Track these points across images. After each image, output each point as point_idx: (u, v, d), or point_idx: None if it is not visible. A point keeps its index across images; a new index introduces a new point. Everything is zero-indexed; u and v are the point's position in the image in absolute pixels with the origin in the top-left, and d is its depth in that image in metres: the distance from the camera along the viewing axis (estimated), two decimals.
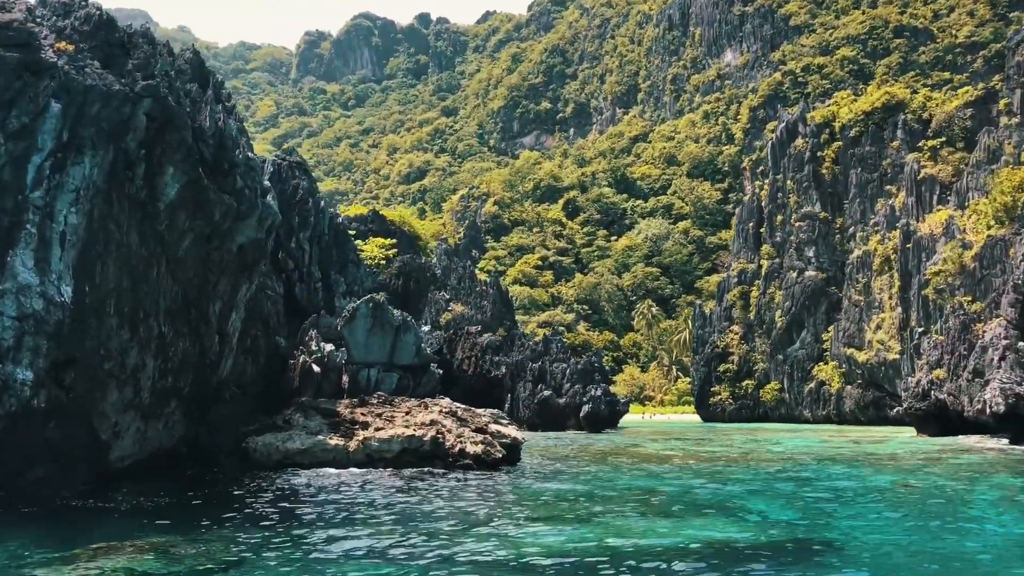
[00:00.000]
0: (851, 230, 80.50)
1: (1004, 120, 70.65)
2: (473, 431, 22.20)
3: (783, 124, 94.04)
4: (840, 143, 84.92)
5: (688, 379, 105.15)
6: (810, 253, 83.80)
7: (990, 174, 67.83)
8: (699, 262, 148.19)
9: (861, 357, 73.23)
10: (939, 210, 70.56)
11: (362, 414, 22.32)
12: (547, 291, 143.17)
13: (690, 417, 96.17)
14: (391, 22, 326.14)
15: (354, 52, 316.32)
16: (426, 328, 62.41)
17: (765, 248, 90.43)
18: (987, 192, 66.83)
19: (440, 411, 22.68)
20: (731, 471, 23.46)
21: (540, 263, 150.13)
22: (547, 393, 61.11)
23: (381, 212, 50.14)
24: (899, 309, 69.72)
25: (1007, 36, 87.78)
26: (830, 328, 79.89)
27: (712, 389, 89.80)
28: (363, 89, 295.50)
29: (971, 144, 74.02)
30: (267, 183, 25.00)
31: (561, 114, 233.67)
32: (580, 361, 63.99)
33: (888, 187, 78.28)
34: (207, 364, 22.32)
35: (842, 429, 64.20)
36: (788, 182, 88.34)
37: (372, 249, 43.55)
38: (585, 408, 58.14)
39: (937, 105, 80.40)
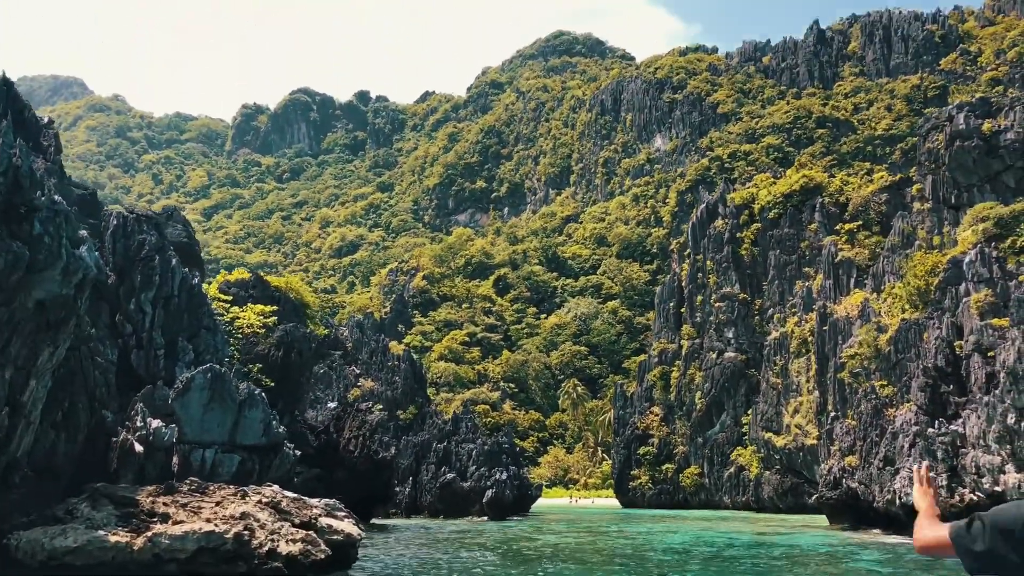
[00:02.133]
0: (769, 312, 79.58)
1: (917, 205, 70.95)
2: (295, 526, 18.95)
3: (703, 205, 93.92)
4: (759, 224, 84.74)
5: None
6: (729, 334, 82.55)
7: (904, 258, 67.63)
8: (627, 342, 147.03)
9: (779, 442, 71.33)
10: (855, 293, 69.99)
11: (164, 504, 18.95)
12: (473, 368, 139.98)
13: (612, 502, 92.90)
14: (330, 98, 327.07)
15: (291, 126, 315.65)
16: (332, 404, 58.92)
17: (686, 328, 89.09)
18: (902, 276, 66.55)
19: (259, 501, 19.41)
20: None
21: (468, 339, 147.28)
22: (450, 476, 57.56)
23: (266, 277, 46.84)
24: (816, 392, 68.30)
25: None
26: (750, 411, 78.13)
27: (632, 473, 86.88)
28: (299, 163, 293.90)
29: (887, 228, 74.19)
30: (83, 233, 21.93)
31: (496, 193, 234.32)
32: (487, 442, 60.63)
33: (806, 269, 77.84)
34: None
35: (758, 517, 61.69)
36: (708, 262, 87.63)
37: (250, 316, 40.19)
38: (488, 493, 54.62)
39: (853, 189, 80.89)
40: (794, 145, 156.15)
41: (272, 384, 40.61)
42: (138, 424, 24.29)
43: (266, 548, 17.48)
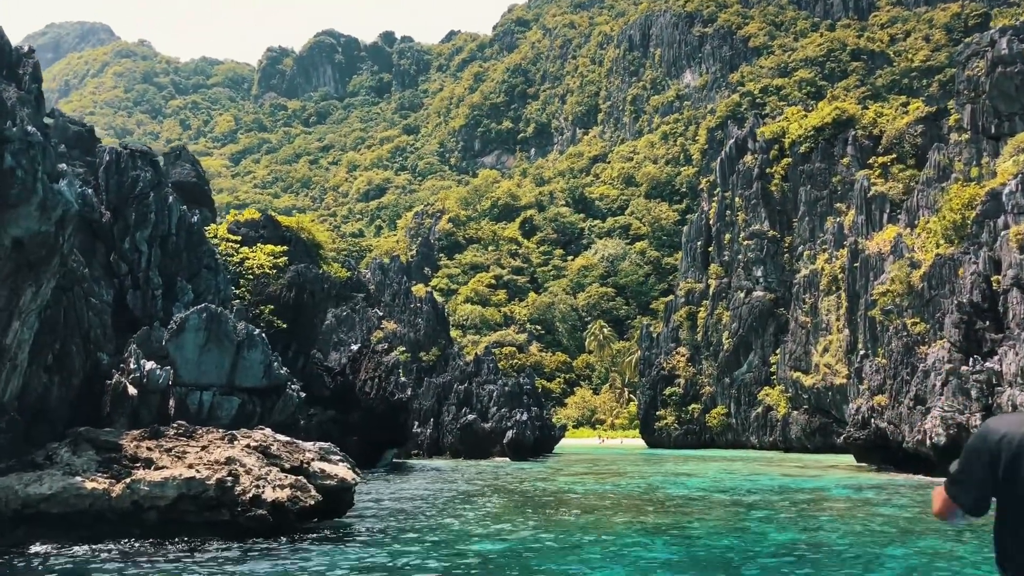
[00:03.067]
0: (799, 249, 77.41)
1: (954, 136, 68.08)
2: (285, 471, 18.07)
3: (732, 140, 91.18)
4: (789, 159, 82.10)
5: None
6: (758, 273, 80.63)
7: (940, 191, 65.13)
8: (655, 283, 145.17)
9: (807, 381, 69.88)
10: (888, 228, 67.68)
11: (148, 449, 18.12)
12: (500, 310, 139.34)
13: (640, 442, 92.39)
14: (355, 39, 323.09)
15: (316, 69, 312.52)
16: (355, 347, 58.11)
17: (713, 267, 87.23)
18: (937, 209, 64.11)
19: (247, 446, 18.53)
20: (601, 523, 19.58)
21: (494, 282, 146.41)
22: (471, 417, 57.00)
23: (276, 217, 45.80)
24: (846, 331, 66.55)
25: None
26: (778, 351, 76.58)
27: (657, 413, 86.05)
28: (325, 106, 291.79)
29: (922, 161, 71.48)
30: (63, 167, 20.85)
31: (522, 134, 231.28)
32: (508, 383, 59.89)
33: (838, 204, 75.40)
34: None
35: (785, 458, 60.67)
36: (737, 199, 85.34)
37: (260, 257, 39.26)
38: (509, 434, 54.00)
39: (888, 122, 77.87)
40: (827, 79, 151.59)
41: (284, 326, 39.89)
42: (131, 366, 23.49)
43: (250, 495, 16.59)
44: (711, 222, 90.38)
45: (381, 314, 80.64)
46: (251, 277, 39.69)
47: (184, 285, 27.56)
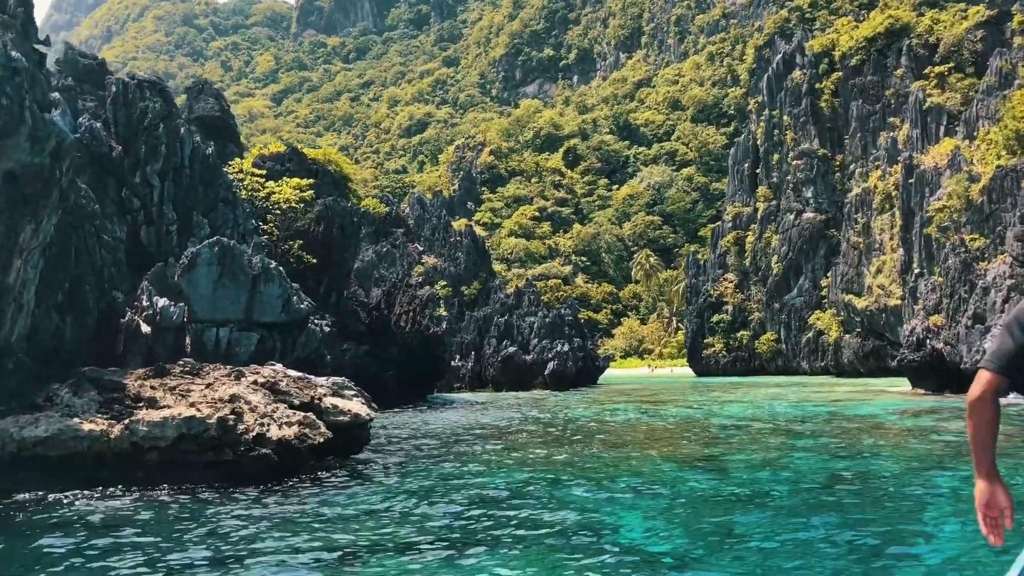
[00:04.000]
0: (851, 167, 74.23)
1: (1019, 40, 64.06)
2: (293, 408, 17.18)
3: (779, 56, 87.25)
4: (840, 73, 78.31)
5: None
6: (808, 194, 77.75)
7: (1002, 99, 61.47)
8: (703, 209, 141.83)
9: (860, 304, 67.55)
10: (945, 141, 64.33)
11: (152, 388, 17.35)
12: (544, 243, 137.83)
13: (688, 371, 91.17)
14: None
15: (354, 4, 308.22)
16: (416, 281, 57.18)
17: (761, 190, 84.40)
18: (998, 119, 60.59)
19: (255, 382, 17.66)
20: (631, 456, 18.50)
21: (537, 214, 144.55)
22: (512, 350, 56.16)
23: (303, 150, 44.66)
24: (901, 250, 63.90)
25: None
26: (829, 273, 74.14)
27: (705, 341, 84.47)
28: (364, 42, 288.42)
29: (982, 69, 67.49)
30: (55, 96, 19.86)
31: (564, 61, 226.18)
32: (549, 315, 58.78)
33: (891, 119, 71.83)
34: None
35: (837, 382, 58.97)
36: (785, 118, 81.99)
37: (286, 191, 38.21)
38: (550, 365, 53.07)
39: (945, 28, 73.49)
40: None
41: (315, 261, 39.06)
42: (144, 304, 22.76)
43: (254, 433, 15.73)
44: (759, 143, 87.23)
45: (421, 249, 79.79)
46: (278, 212, 38.76)
47: (200, 220, 26.67)
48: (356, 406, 18.34)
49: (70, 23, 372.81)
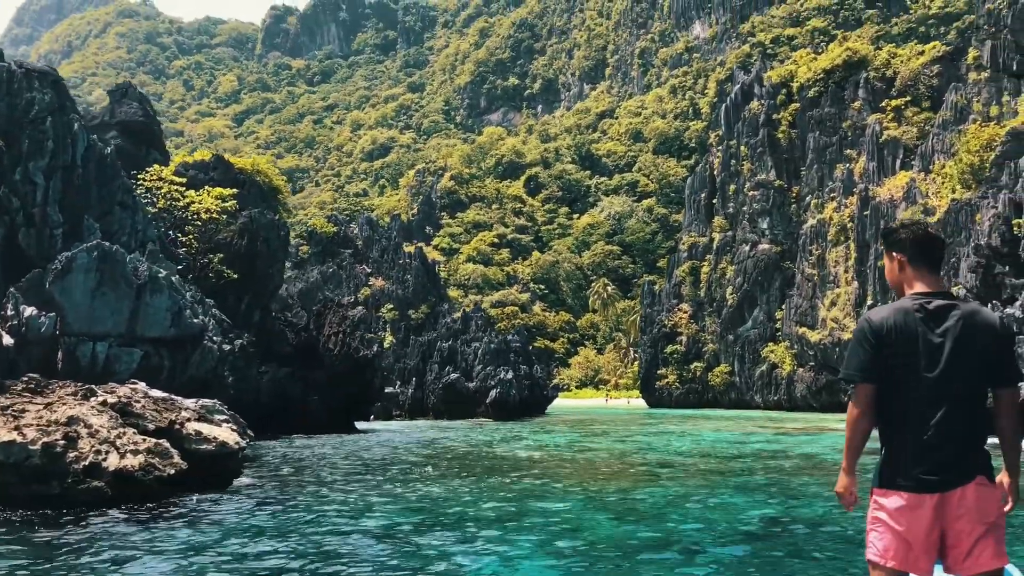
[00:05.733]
0: (807, 199, 73.32)
1: (973, 75, 63.66)
2: (146, 434, 14.81)
3: (738, 86, 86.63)
4: (798, 105, 77.70)
5: None
6: (764, 224, 76.67)
7: (957, 134, 60.96)
8: (662, 240, 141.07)
9: (814, 337, 66.26)
10: (901, 174, 63.63)
11: None
12: (503, 270, 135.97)
13: (640, 403, 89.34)
14: None
15: (321, 27, 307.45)
16: (348, 301, 54.89)
17: (717, 220, 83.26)
18: (953, 153, 60.03)
19: (103, 402, 15.27)
20: (533, 490, 16.38)
21: (497, 240, 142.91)
22: (454, 376, 53.78)
23: (229, 159, 42.32)
24: (855, 283, 62.81)
25: None
26: (783, 306, 72.89)
27: (659, 372, 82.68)
28: (329, 65, 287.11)
29: (938, 104, 67.16)
30: None
31: (529, 90, 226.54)
32: (494, 340, 56.56)
33: (848, 151, 71.12)
34: None
35: (787, 416, 57.36)
36: (742, 148, 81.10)
37: (207, 201, 35.81)
38: (492, 393, 50.75)
39: (902, 63, 73.24)
40: (841, 27, 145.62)
41: (236, 276, 36.64)
42: (9, 313, 20.26)
43: (86, 462, 13.32)
44: (715, 172, 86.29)
45: (369, 271, 77.53)
46: (199, 223, 36.35)
47: (91, 224, 24.22)
48: (224, 433, 16.00)
49: (31, 37, 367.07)
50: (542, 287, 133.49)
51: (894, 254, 3.84)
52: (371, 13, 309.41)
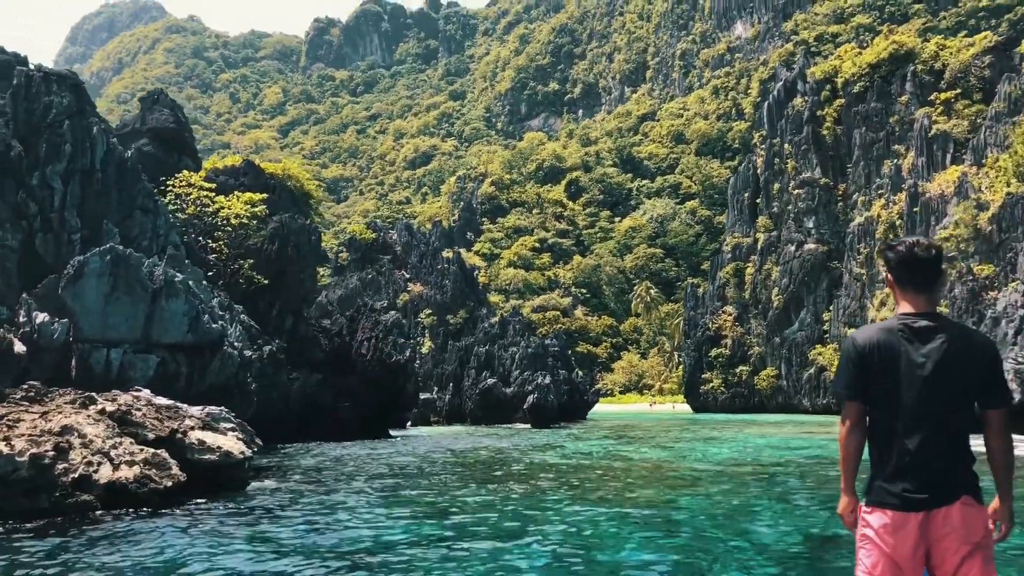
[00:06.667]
0: (854, 197, 71.13)
1: None
2: (145, 443, 14.14)
3: (780, 83, 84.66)
4: (843, 100, 75.56)
5: None
6: (810, 224, 74.63)
7: (1011, 126, 58.59)
8: (706, 243, 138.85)
9: None
10: (951, 169, 61.37)
11: None
12: (543, 274, 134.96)
13: (685, 407, 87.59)
14: (400, 7, 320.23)
15: (363, 38, 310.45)
16: (381, 306, 54.53)
17: (762, 220, 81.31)
18: (1007, 146, 57.67)
19: (101, 411, 14.63)
20: (546, 502, 15.44)
21: (538, 245, 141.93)
22: (491, 381, 52.89)
23: (260, 164, 41.98)
24: None
25: None
26: (831, 307, 70.80)
27: (703, 376, 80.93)
28: (372, 75, 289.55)
29: (989, 96, 64.69)
30: None
31: (569, 95, 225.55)
32: (532, 345, 55.57)
33: (896, 147, 68.92)
34: None
35: (837, 421, 55.40)
36: (786, 146, 79.14)
37: (236, 206, 35.44)
38: (530, 399, 49.75)
39: (951, 54, 70.82)
40: (887, 22, 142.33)
41: (267, 282, 36.22)
42: (21, 319, 19.84)
43: (76, 474, 12.66)
44: (759, 172, 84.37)
45: (408, 276, 77.11)
46: (229, 229, 36.00)
47: (111, 229, 23.81)
48: (229, 442, 15.27)
49: (84, 55, 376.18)
50: (584, 291, 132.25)
51: (885, 273, 3.81)
52: (412, 23, 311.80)
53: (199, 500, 14.22)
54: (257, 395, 27.03)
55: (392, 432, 40.86)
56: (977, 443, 3.61)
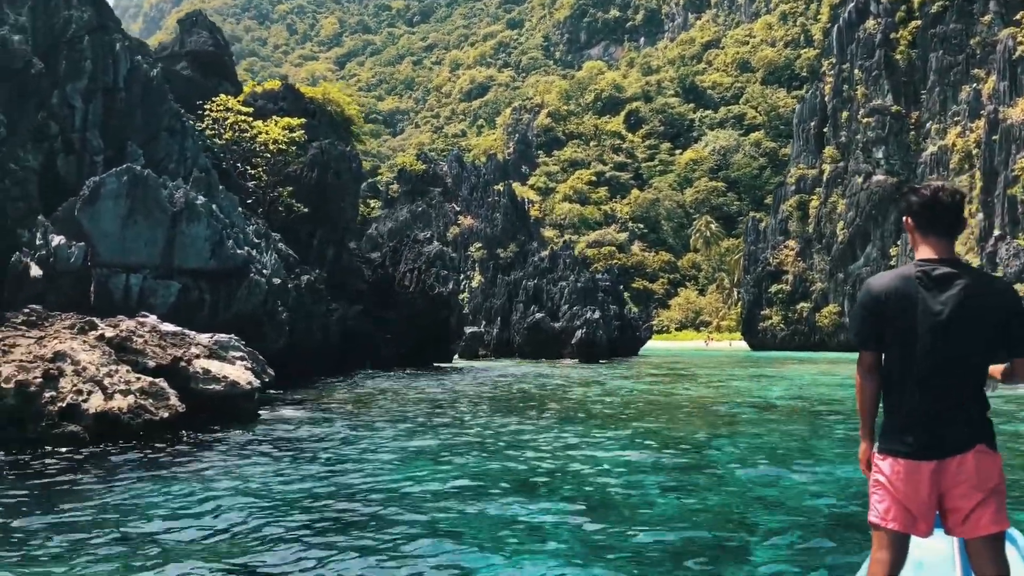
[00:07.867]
0: (928, 125, 67.26)
1: None
2: (144, 372, 13.19)
3: (851, 4, 80.00)
4: (919, 22, 71.02)
5: None
6: (879, 154, 70.96)
7: None
8: (770, 176, 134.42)
9: None
10: None
11: None
12: (600, 208, 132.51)
13: (742, 345, 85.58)
14: None
15: None
16: (425, 237, 53.53)
17: (828, 151, 77.64)
18: None
19: (99, 336, 13.71)
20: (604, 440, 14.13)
21: (594, 179, 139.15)
22: (539, 316, 51.70)
23: (299, 87, 40.69)
24: (980, 215, 57.34)
25: None
26: (899, 241, 67.61)
27: (762, 313, 78.61)
28: (428, 4, 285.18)
29: None
30: None
31: (631, 22, 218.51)
32: (581, 279, 54.11)
33: (976, 71, 64.64)
34: None
35: None
36: (856, 72, 75.04)
37: (274, 131, 34.31)
38: (578, 334, 48.46)
39: None
40: None
41: (306, 210, 35.23)
42: (38, 243, 19.07)
43: (63, 404, 11.75)
44: (826, 99, 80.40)
45: (458, 209, 75.88)
46: (268, 155, 34.96)
47: (135, 150, 22.86)
48: (236, 372, 14.30)
49: None
50: (641, 226, 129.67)
51: (906, 217, 3.64)
52: None
53: (199, 433, 13.28)
54: (293, 326, 26.24)
55: (437, 364, 40.09)
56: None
